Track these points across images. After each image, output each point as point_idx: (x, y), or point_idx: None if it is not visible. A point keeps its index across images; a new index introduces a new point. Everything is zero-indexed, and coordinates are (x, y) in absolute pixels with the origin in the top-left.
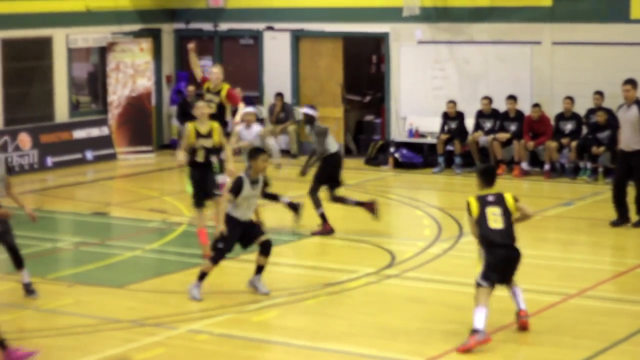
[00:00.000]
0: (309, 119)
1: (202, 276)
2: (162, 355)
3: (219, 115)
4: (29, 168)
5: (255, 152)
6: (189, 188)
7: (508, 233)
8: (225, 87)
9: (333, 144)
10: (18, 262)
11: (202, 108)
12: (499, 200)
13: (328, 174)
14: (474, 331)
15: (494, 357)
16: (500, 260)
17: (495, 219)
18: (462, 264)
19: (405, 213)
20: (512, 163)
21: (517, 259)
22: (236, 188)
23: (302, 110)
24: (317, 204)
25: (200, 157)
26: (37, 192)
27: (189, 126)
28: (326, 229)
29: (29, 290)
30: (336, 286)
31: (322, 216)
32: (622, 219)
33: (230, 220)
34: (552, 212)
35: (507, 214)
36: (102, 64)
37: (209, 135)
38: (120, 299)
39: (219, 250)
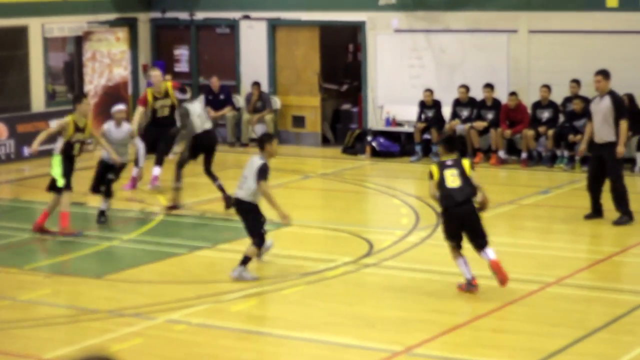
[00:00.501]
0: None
1: (247, 260)
2: (140, 346)
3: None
4: (6, 158)
5: (269, 137)
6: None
7: (465, 191)
8: (169, 84)
9: (197, 126)
10: None
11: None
12: (457, 164)
13: (193, 152)
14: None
15: (471, 345)
16: (456, 219)
17: (453, 179)
18: (440, 253)
19: (383, 202)
20: (489, 151)
21: (472, 215)
22: (268, 174)
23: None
24: (177, 177)
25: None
26: (13, 182)
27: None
28: (175, 206)
29: None
30: (314, 275)
31: (176, 190)
32: (595, 213)
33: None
34: (530, 201)
35: (463, 175)
36: (78, 54)
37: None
38: (98, 290)
39: (263, 235)
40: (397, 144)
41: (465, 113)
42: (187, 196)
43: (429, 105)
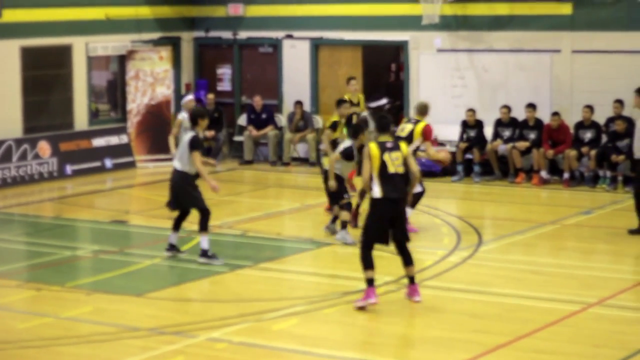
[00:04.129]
0: None
1: (345, 224)
2: None
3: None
4: (49, 176)
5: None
6: None
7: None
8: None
9: None
10: None
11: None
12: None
13: None
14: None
15: None
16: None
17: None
18: (482, 273)
19: (424, 221)
20: (531, 171)
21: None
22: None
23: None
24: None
25: None
26: (56, 200)
27: None
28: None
29: None
30: (355, 295)
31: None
32: None
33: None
34: (572, 221)
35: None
36: (121, 72)
37: None
38: (139, 307)
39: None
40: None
41: (507, 133)
42: (228, 215)
43: (471, 125)
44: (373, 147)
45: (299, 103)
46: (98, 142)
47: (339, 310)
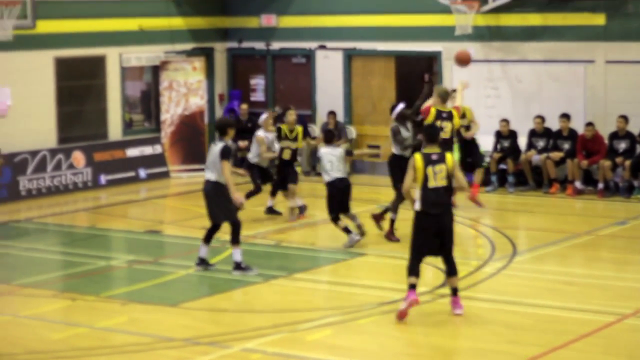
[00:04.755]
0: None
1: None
2: None
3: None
4: (83, 186)
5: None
6: None
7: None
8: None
9: None
10: None
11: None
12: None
13: None
14: None
15: None
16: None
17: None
18: (516, 284)
19: (459, 232)
20: (565, 182)
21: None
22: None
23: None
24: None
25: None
26: (90, 210)
27: None
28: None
29: None
30: (390, 305)
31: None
32: None
33: None
34: (606, 232)
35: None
36: (155, 83)
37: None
38: (174, 317)
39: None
40: (472, 174)
41: (541, 143)
42: (262, 225)
43: (505, 136)
44: (418, 159)
45: (332, 113)
46: (132, 152)
47: (374, 321)
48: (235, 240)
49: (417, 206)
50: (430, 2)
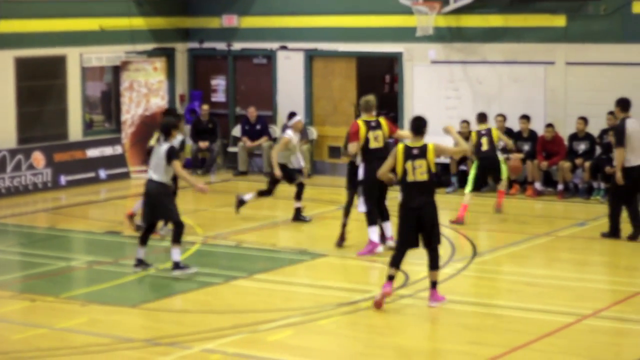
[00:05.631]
0: None
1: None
2: None
3: None
4: (43, 187)
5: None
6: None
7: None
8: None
9: None
10: None
11: None
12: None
13: None
14: None
15: None
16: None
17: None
18: (476, 284)
19: None
20: (525, 183)
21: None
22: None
23: None
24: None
25: None
26: (50, 210)
27: None
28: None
29: None
30: (350, 306)
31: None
32: None
33: None
34: (566, 233)
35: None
36: (115, 83)
37: None
38: (134, 318)
39: None
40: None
41: (501, 144)
42: (223, 226)
43: (465, 137)
44: (400, 151)
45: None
46: (92, 152)
47: (334, 321)
48: (176, 239)
49: (400, 199)
50: (391, 3)
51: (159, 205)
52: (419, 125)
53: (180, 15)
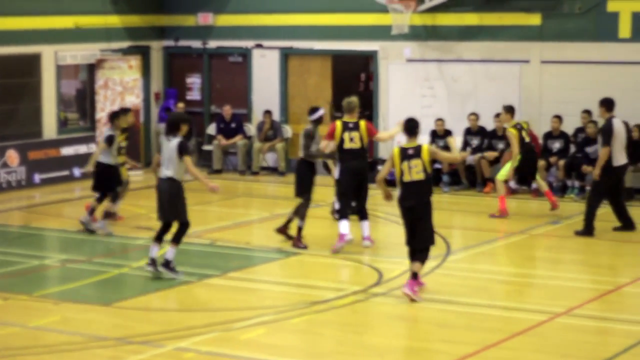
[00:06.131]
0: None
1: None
2: None
3: None
4: (17, 185)
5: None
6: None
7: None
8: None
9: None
10: None
11: None
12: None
13: None
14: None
15: None
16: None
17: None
18: (450, 283)
19: (393, 231)
20: None
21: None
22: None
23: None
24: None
25: None
26: (24, 209)
27: None
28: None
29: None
30: (323, 304)
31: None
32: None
33: None
34: (540, 231)
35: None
36: (90, 81)
37: None
38: (107, 317)
39: None
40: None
41: (475, 142)
42: (197, 224)
43: (440, 135)
44: (396, 153)
45: (268, 112)
46: (67, 150)
47: (307, 320)
48: (176, 239)
49: (398, 197)
50: (367, 2)
51: (169, 204)
52: (412, 126)
53: (156, 13)
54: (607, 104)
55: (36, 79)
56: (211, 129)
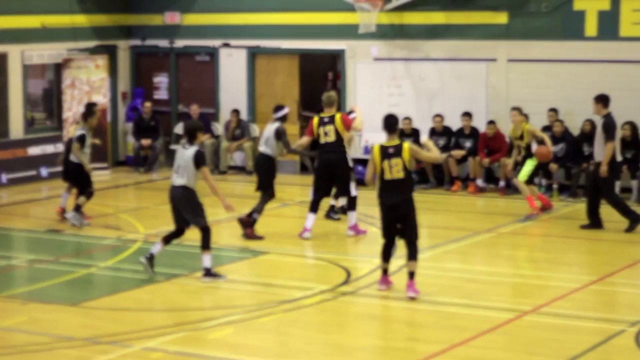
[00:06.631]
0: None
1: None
2: None
3: None
4: None
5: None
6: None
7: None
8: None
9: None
10: None
11: None
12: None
13: None
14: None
15: None
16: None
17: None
18: (417, 281)
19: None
20: (467, 180)
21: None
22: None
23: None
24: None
25: None
26: None
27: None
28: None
29: None
30: (291, 303)
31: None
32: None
33: None
34: (507, 229)
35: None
36: (57, 81)
37: None
38: (75, 317)
39: None
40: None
41: (441, 142)
42: (164, 223)
43: (408, 134)
44: (376, 152)
45: (235, 111)
46: (34, 150)
47: (275, 319)
48: (205, 245)
49: (378, 196)
50: (334, 1)
51: (185, 211)
52: (391, 124)
53: (123, 12)
54: (605, 100)
55: (3, 78)
56: (178, 129)
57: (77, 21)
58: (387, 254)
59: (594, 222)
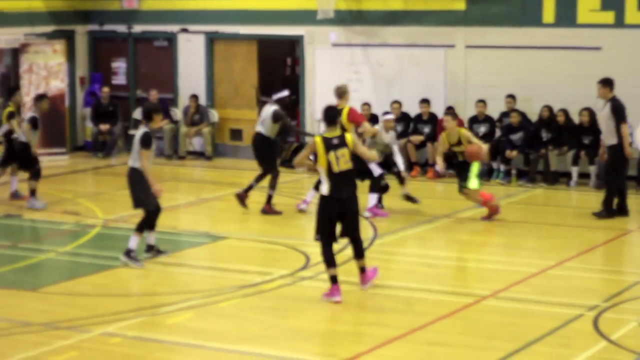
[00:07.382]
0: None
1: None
2: (74, 359)
3: None
4: None
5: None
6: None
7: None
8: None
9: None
10: None
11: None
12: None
13: None
14: None
15: (406, 359)
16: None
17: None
18: (376, 266)
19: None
20: (426, 165)
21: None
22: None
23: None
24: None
25: None
26: None
27: None
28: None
29: None
30: (250, 288)
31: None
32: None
33: None
34: (466, 214)
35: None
36: (14, 66)
37: None
38: (33, 302)
39: None
40: None
41: (399, 128)
42: (123, 208)
43: (367, 119)
44: (318, 143)
45: (194, 97)
46: None
47: (234, 304)
48: (140, 227)
49: (324, 190)
50: None
51: (133, 192)
52: (332, 115)
53: None
54: (610, 84)
55: None
56: (137, 114)
57: (35, 6)
58: (331, 257)
59: (621, 208)
